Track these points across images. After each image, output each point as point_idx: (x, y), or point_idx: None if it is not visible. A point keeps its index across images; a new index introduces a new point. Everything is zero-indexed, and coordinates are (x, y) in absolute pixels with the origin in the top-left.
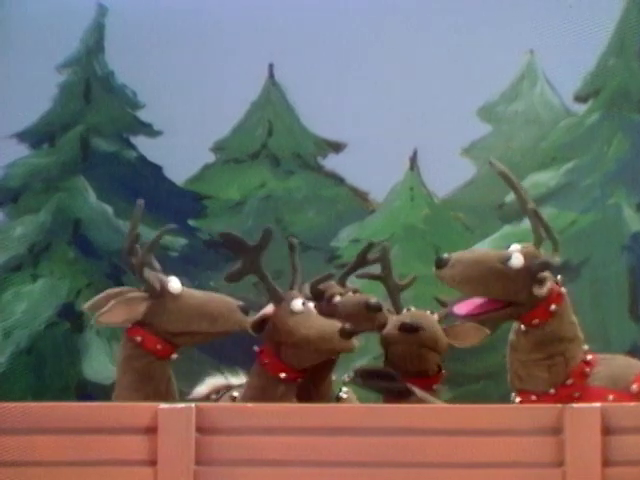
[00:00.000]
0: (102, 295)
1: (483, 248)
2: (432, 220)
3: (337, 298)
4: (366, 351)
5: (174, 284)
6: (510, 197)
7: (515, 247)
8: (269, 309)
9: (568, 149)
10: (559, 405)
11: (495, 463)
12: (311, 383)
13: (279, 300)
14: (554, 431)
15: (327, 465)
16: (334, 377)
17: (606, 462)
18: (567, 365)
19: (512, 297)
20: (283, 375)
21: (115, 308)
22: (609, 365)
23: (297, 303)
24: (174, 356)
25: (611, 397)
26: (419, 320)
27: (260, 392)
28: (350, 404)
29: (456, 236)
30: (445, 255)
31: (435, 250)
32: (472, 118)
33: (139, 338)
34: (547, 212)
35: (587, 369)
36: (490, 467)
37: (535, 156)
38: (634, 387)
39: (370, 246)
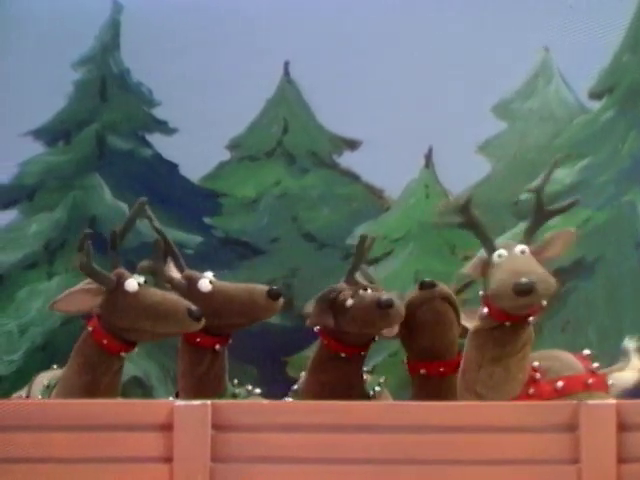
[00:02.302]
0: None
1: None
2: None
3: (349, 302)
4: (381, 349)
5: (131, 283)
6: (525, 194)
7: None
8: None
9: (583, 146)
10: (574, 402)
11: (510, 460)
12: (340, 382)
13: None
14: (569, 428)
15: (344, 463)
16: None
17: (622, 459)
18: (529, 361)
19: None
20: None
21: (70, 296)
22: (553, 357)
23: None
24: (123, 354)
25: (590, 381)
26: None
27: (189, 364)
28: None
29: (471, 234)
30: (524, 281)
31: (450, 247)
32: (487, 115)
33: (91, 328)
34: None
35: (535, 363)
36: (505, 464)
37: (550, 153)
38: (594, 366)
39: (364, 238)
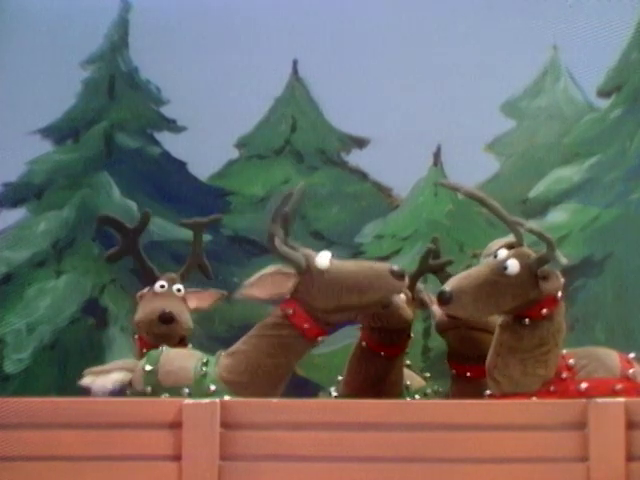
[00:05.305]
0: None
1: (474, 268)
2: (455, 216)
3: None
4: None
5: (321, 259)
6: (534, 192)
7: (503, 253)
8: None
9: (591, 144)
10: (583, 400)
11: (519, 458)
12: (371, 376)
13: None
14: (578, 426)
15: (352, 461)
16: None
17: (630, 457)
18: (557, 358)
19: (524, 300)
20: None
21: (262, 282)
22: (592, 356)
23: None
24: (320, 339)
25: (619, 386)
26: None
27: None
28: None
29: (479, 232)
30: (445, 289)
31: (459, 246)
32: (495, 113)
33: (290, 311)
34: (570, 207)
35: (570, 361)
36: (514, 462)
37: (558, 151)
38: (631, 372)
39: (429, 251)
